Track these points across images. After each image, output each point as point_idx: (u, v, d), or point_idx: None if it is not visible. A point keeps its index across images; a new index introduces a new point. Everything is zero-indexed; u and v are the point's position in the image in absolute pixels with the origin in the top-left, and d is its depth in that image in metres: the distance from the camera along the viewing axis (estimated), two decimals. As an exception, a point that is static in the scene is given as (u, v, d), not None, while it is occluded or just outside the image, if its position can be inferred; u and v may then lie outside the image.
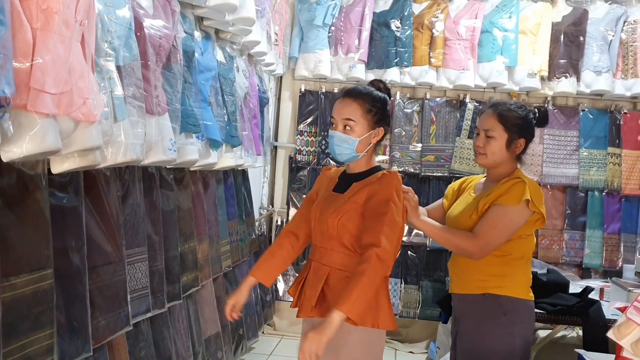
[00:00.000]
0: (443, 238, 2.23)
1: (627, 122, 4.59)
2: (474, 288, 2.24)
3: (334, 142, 2.06)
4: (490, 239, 2.13)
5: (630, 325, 1.46)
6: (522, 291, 2.24)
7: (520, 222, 2.15)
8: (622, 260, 4.51)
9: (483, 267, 2.20)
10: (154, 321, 2.54)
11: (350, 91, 2.07)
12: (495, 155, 2.25)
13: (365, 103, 2.03)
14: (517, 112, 2.26)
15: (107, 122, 1.77)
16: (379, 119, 2.05)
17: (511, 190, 2.15)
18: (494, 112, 2.27)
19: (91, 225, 2.03)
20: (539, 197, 2.18)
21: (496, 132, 2.23)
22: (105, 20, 1.79)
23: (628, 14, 4.46)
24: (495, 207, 2.16)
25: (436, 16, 4.50)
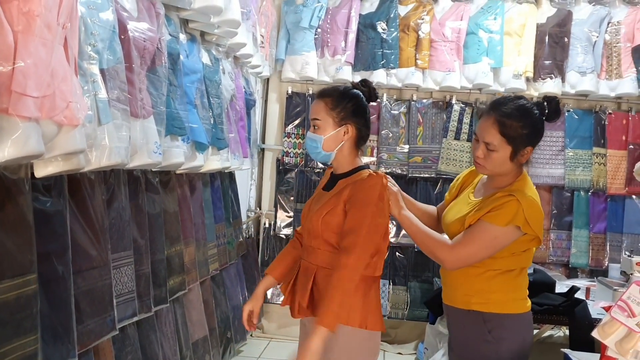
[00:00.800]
0: (419, 239, 2.11)
1: (612, 122, 4.63)
2: (459, 302, 2.14)
3: (306, 142, 2.10)
4: (466, 253, 2.01)
5: (615, 324, 1.47)
6: (510, 305, 2.08)
7: (504, 243, 1.99)
8: (608, 260, 4.55)
9: (467, 281, 2.10)
10: (140, 325, 2.52)
11: (320, 91, 2.08)
12: (497, 168, 2.06)
13: (330, 100, 2.03)
14: (521, 119, 2.01)
15: (91, 126, 1.76)
16: (345, 116, 2.03)
17: (502, 208, 1.98)
18: (494, 122, 2.02)
19: (76, 230, 2.01)
20: (536, 220, 1.99)
21: (497, 145, 2.01)
22: (88, 23, 1.78)
23: (612, 15, 4.50)
24: (480, 222, 2.01)
25: (422, 18, 4.51)
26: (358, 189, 1.99)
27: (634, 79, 4.44)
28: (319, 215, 2.03)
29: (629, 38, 4.45)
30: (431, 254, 2.10)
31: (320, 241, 2.04)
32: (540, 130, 2.08)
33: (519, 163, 2.07)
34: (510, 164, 2.05)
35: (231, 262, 3.90)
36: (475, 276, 2.08)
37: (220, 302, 3.64)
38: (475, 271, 2.07)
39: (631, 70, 4.44)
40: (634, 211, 4.62)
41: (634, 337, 1.44)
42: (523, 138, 2.01)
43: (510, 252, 2.04)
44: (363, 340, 2.02)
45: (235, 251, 4.03)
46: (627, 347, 1.44)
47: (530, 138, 2.03)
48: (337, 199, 2.02)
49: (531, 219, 1.96)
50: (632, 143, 4.60)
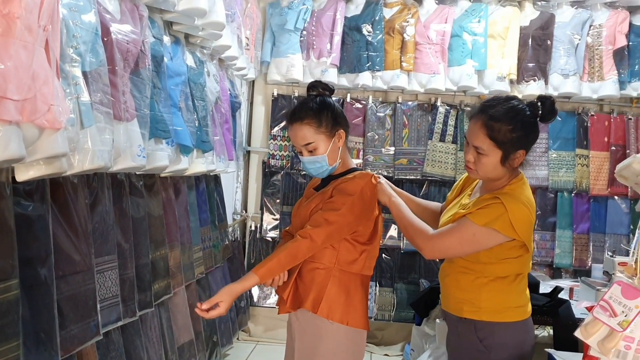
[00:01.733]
0: (403, 225, 2.10)
1: (594, 124, 4.68)
2: (453, 309, 2.12)
3: (307, 167, 2.11)
4: (443, 245, 1.99)
5: (597, 324, 1.49)
6: (503, 314, 2.03)
7: (483, 243, 1.95)
8: (591, 260, 4.60)
9: (459, 288, 2.08)
10: (125, 330, 2.50)
11: (293, 116, 2.08)
12: (488, 173, 2.00)
13: (312, 120, 2.04)
14: (511, 122, 1.92)
15: (73, 129, 1.74)
16: (332, 125, 2.07)
17: (485, 209, 1.94)
18: (482, 125, 1.95)
19: (59, 234, 1.99)
20: (522, 223, 1.93)
21: (486, 148, 1.94)
22: (70, 25, 1.77)
23: (593, 18, 4.55)
24: (463, 219, 1.98)
25: (407, 21, 4.53)
26: (347, 181, 2.05)
27: (615, 81, 4.50)
28: (307, 210, 2.08)
29: (610, 41, 4.50)
30: (411, 240, 2.09)
31: None
32: (532, 133, 2.00)
33: (510, 167, 1.99)
34: (501, 169, 1.98)
35: (217, 265, 3.89)
36: (468, 283, 2.06)
37: (206, 306, 3.62)
38: (466, 278, 2.06)
39: (613, 73, 4.50)
40: (616, 212, 4.68)
41: (615, 336, 1.45)
42: (513, 142, 1.93)
43: (499, 258, 1.99)
44: (348, 340, 2.03)
45: (221, 254, 4.01)
46: (609, 347, 1.45)
47: (521, 141, 1.95)
48: (325, 194, 2.07)
49: (517, 223, 1.91)
50: (614, 144, 4.66)
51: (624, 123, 4.68)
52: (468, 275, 2.05)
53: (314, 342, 2.03)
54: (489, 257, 2.00)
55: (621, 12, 4.52)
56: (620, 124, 4.68)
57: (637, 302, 1.44)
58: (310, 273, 2.04)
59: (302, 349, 2.07)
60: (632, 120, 4.67)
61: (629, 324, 1.44)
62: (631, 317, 1.44)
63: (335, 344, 2.02)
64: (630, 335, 1.45)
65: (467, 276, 2.05)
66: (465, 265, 2.06)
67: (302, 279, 2.05)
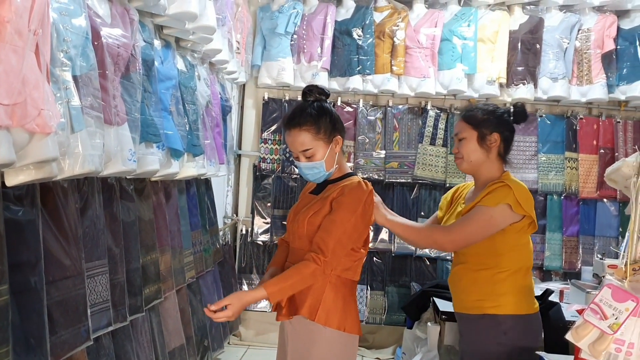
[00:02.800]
0: (415, 236, 2.21)
1: (583, 127, 4.72)
2: (472, 308, 2.23)
3: (304, 172, 2.10)
4: (464, 233, 2.12)
5: (588, 326, 1.50)
6: (521, 306, 2.19)
7: (500, 222, 2.11)
8: (581, 262, 4.62)
9: (478, 286, 2.20)
10: (115, 335, 2.48)
11: (291, 121, 2.07)
12: (470, 156, 2.23)
13: (311, 126, 2.04)
14: (483, 109, 2.25)
15: (63, 133, 1.73)
16: (331, 131, 2.07)
17: (493, 192, 2.13)
18: (461, 117, 2.29)
19: (49, 239, 1.97)
20: (526, 200, 2.14)
21: (466, 133, 2.23)
22: (60, 29, 1.76)
23: (582, 22, 4.58)
24: (475, 208, 2.15)
25: (397, 25, 4.55)
26: (347, 193, 2.03)
27: (603, 85, 4.53)
28: (305, 216, 2.07)
29: (598, 45, 4.54)
30: (431, 243, 2.28)
31: (305, 241, 2.08)
32: (505, 123, 2.24)
33: (489, 151, 2.22)
34: (481, 150, 2.22)
35: (208, 269, 3.87)
36: (486, 279, 2.18)
37: (197, 310, 3.61)
38: (484, 275, 2.18)
39: (601, 76, 4.53)
40: (605, 214, 4.71)
41: (606, 339, 1.46)
42: (486, 122, 2.21)
43: (511, 245, 2.16)
44: (341, 344, 2.04)
45: (212, 258, 4.00)
46: (599, 349, 1.46)
47: (493, 123, 2.21)
48: (325, 201, 2.05)
49: (522, 200, 2.11)
50: (602, 147, 4.69)
51: (612, 126, 4.72)
52: (486, 272, 2.18)
53: (307, 347, 2.03)
54: (503, 245, 2.16)
55: (609, 17, 4.56)
56: (608, 127, 4.72)
57: (627, 305, 1.45)
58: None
59: (295, 353, 2.07)
60: (620, 124, 4.71)
61: (619, 326, 1.44)
62: (621, 320, 1.45)
63: (328, 349, 2.02)
64: (620, 338, 1.46)
65: (485, 273, 2.18)
66: (481, 261, 2.19)
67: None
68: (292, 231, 2.15)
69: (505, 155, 2.27)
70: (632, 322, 1.45)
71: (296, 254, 2.12)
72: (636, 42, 4.49)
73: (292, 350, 2.08)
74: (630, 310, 1.45)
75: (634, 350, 1.43)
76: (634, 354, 1.43)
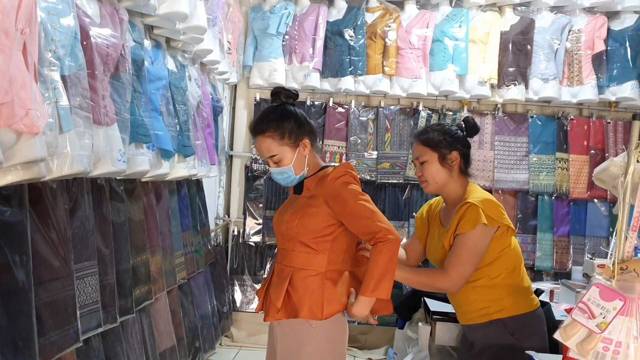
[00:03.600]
0: (415, 282, 2.27)
1: (574, 128, 4.74)
2: (478, 318, 2.29)
3: (274, 177, 2.13)
4: (461, 271, 2.16)
5: (576, 326, 1.50)
6: (523, 305, 2.27)
7: (483, 243, 2.17)
8: (571, 262, 4.64)
9: (480, 297, 2.26)
10: (105, 336, 2.47)
11: (255, 128, 2.09)
12: (435, 177, 2.29)
13: (275, 132, 2.04)
14: (438, 130, 2.31)
15: (51, 134, 1.72)
16: (297, 134, 2.07)
17: (465, 216, 2.17)
18: (417, 140, 2.33)
19: (37, 240, 1.96)
20: (495, 211, 2.18)
21: (426, 156, 2.29)
22: (48, 29, 1.75)
23: (572, 24, 4.60)
24: (456, 239, 2.19)
25: (389, 25, 4.55)
26: (329, 182, 2.03)
27: (594, 86, 4.56)
28: (294, 218, 2.06)
29: (589, 46, 4.56)
30: (433, 288, 2.33)
31: (295, 243, 2.06)
32: (460, 140, 2.32)
33: (452, 169, 2.29)
34: (443, 171, 2.28)
35: (199, 270, 3.86)
36: (485, 287, 2.24)
37: (188, 311, 3.60)
38: (482, 283, 2.24)
39: (591, 77, 4.56)
40: (595, 214, 4.73)
41: (594, 338, 1.46)
42: (444, 143, 2.27)
43: (497, 252, 2.22)
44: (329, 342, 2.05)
45: (203, 259, 3.99)
46: (587, 348, 1.46)
47: (451, 143, 2.28)
48: (312, 201, 2.05)
49: (492, 213, 2.16)
50: (593, 148, 4.72)
51: (602, 127, 4.74)
52: (481, 280, 2.23)
53: (296, 346, 2.03)
54: (491, 255, 2.21)
55: (599, 18, 4.58)
56: (599, 128, 4.74)
57: (614, 304, 1.45)
58: (303, 281, 2.04)
59: (284, 353, 2.07)
60: (610, 124, 4.74)
61: (607, 325, 1.45)
62: (609, 319, 1.45)
63: (316, 347, 2.02)
64: (608, 337, 1.46)
65: (481, 282, 2.23)
66: (475, 273, 2.22)
67: (294, 287, 2.04)
68: (279, 233, 2.15)
69: (467, 170, 2.34)
70: (619, 321, 1.45)
71: (282, 254, 2.12)
72: (626, 43, 4.52)
73: (281, 349, 2.08)
74: (617, 309, 1.45)
75: (621, 349, 1.44)
76: (621, 352, 1.44)
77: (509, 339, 2.23)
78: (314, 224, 2.04)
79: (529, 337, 2.24)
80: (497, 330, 2.25)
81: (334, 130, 4.75)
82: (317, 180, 2.07)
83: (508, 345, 2.23)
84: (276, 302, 2.04)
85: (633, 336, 1.45)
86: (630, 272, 1.52)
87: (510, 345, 2.22)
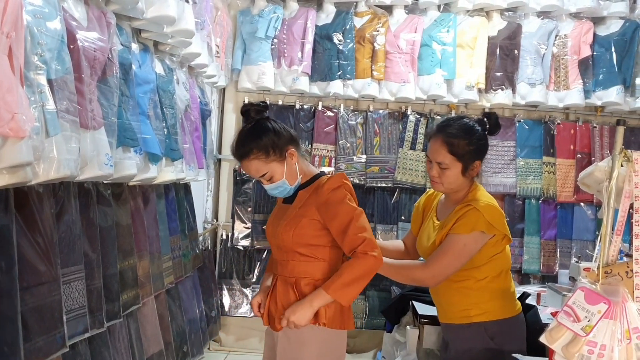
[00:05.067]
0: (394, 272, 2.24)
1: (561, 132, 4.77)
2: (458, 318, 2.27)
3: (271, 193, 2.12)
4: (442, 266, 2.14)
5: (561, 329, 1.51)
6: (506, 309, 2.26)
7: (474, 248, 2.15)
8: (558, 266, 4.67)
9: (463, 298, 2.24)
10: (92, 341, 2.45)
11: (237, 154, 2.08)
12: (452, 184, 2.23)
13: (258, 152, 2.03)
14: (466, 137, 2.18)
15: (38, 138, 1.71)
16: (280, 147, 2.05)
17: (464, 218, 2.14)
18: (442, 143, 2.19)
19: (23, 244, 1.95)
20: (497, 219, 2.16)
21: (449, 163, 2.18)
22: (35, 32, 1.74)
23: (559, 29, 4.64)
24: (448, 236, 2.17)
25: (377, 30, 4.57)
26: (322, 194, 2.02)
27: (580, 90, 4.60)
28: (288, 229, 2.05)
29: (575, 51, 4.61)
30: (411, 280, 2.30)
31: (294, 254, 2.07)
32: (485, 145, 2.27)
33: (470, 176, 2.23)
34: (462, 179, 2.21)
35: (187, 274, 3.84)
36: (469, 289, 2.22)
37: (176, 316, 3.58)
38: (467, 284, 2.22)
39: (578, 82, 4.60)
40: (582, 218, 4.77)
41: (579, 341, 1.48)
42: (471, 154, 2.19)
43: (488, 257, 2.20)
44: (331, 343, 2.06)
45: (191, 264, 3.97)
46: (572, 351, 1.48)
47: (477, 153, 2.22)
48: (304, 211, 2.05)
49: (493, 220, 2.14)
50: (579, 152, 4.76)
51: (589, 131, 4.78)
52: (467, 281, 2.21)
53: (298, 348, 2.02)
54: (481, 259, 2.19)
55: (586, 23, 4.63)
56: (585, 132, 4.78)
57: (599, 308, 1.47)
58: (305, 288, 2.04)
59: (285, 354, 2.06)
60: (596, 129, 4.78)
61: (591, 328, 1.46)
62: (594, 322, 1.47)
63: (318, 348, 2.03)
64: (593, 340, 1.47)
65: (466, 283, 2.21)
66: (461, 273, 2.20)
67: (303, 295, 2.03)
68: (276, 245, 2.14)
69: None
70: (604, 324, 1.47)
71: (282, 265, 2.11)
72: (612, 49, 4.57)
73: (282, 351, 2.07)
74: (602, 312, 1.47)
75: (605, 352, 1.45)
76: (606, 355, 1.45)
77: (489, 343, 2.21)
78: (309, 233, 2.04)
79: (508, 342, 2.23)
80: (476, 333, 2.23)
81: (323, 134, 4.76)
82: (312, 191, 2.07)
83: (487, 349, 2.21)
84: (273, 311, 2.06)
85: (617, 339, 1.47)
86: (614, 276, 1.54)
87: (490, 349, 2.20)
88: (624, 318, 1.47)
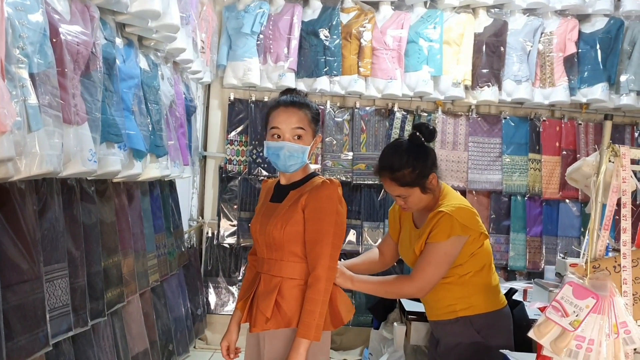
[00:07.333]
0: (382, 292, 2.29)
1: (546, 129, 4.80)
2: (445, 314, 2.31)
3: (283, 154, 2.01)
4: (427, 277, 2.17)
5: (549, 324, 1.51)
6: (491, 303, 2.31)
7: (455, 253, 2.19)
8: (544, 262, 4.70)
9: (448, 294, 2.28)
10: (76, 340, 2.42)
11: (293, 101, 2.06)
12: (420, 204, 2.28)
13: (308, 112, 2.06)
14: (408, 165, 2.20)
15: (19, 133, 1.68)
16: (316, 127, 2.09)
17: (438, 226, 2.17)
18: (391, 180, 2.24)
19: (5, 242, 1.91)
20: (470, 219, 2.20)
21: (406, 193, 2.24)
22: (16, 25, 1.71)
23: (544, 26, 4.66)
24: (427, 246, 2.20)
25: (364, 26, 4.56)
26: (315, 197, 1.99)
27: (565, 88, 4.63)
28: (280, 226, 2.01)
29: (560, 48, 4.63)
30: (399, 296, 2.39)
31: (285, 252, 2.03)
32: (428, 158, 2.24)
33: (432, 190, 2.26)
34: (426, 195, 2.25)
35: (172, 272, 3.81)
36: (453, 285, 2.26)
37: (162, 314, 3.55)
38: (451, 280, 2.25)
39: (563, 79, 4.63)
40: (567, 215, 4.81)
41: (567, 336, 1.48)
42: (420, 176, 2.21)
43: (468, 255, 2.23)
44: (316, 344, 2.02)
45: (177, 261, 3.94)
46: (561, 346, 1.48)
47: (425, 170, 2.22)
48: (295, 208, 2.01)
49: (466, 222, 2.18)
50: (565, 149, 4.79)
51: (574, 128, 4.81)
52: (451, 278, 2.25)
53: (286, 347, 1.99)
54: (462, 258, 2.23)
55: (571, 21, 4.66)
56: (570, 129, 4.81)
57: (587, 302, 1.47)
58: (292, 290, 2.01)
59: (273, 352, 2.03)
60: (582, 126, 4.82)
61: (580, 323, 1.46)
62: (582, 317, 1.47)
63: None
64: (581, 335, 1.48)
65: (450, 279, 2.25)
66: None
67: (283, 297, 2.00)
68: (264, 243, 2.09)
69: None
70: (592, 319, 1.47)
71: (275, 265, 2.06)
72: (597, 46, 4.60)
73: (270, 349, 2.04)
74: (590, 307, 1.47)
75: (594, 347, 1.45)
76: (594, 350, 1.45)
77: (475, 337, 2.26)
78: (300, 230, 2.01)
79: (495, 335, 2.28)
80: (463, 327, 2.28)
81: (309, 131, 4.73)
82: (304, 192, 2.04)
83: (474, 342, 2.26)
84: (265, 312, 2.00)
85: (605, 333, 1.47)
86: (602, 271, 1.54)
87: (476, 342, 2.25)
88: (611, 312, 1.48)
